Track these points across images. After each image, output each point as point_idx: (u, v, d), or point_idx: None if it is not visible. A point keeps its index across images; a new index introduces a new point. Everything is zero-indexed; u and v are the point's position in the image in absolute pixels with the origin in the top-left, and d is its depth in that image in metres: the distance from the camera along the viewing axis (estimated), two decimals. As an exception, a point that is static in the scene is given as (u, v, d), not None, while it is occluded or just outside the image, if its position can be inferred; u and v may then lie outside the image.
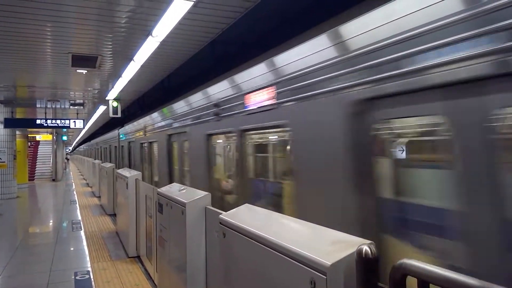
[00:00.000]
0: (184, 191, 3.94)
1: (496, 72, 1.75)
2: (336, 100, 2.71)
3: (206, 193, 3.58)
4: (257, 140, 4.54)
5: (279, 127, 3.56)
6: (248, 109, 4.08)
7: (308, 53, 3.08)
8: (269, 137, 4.40)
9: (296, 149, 3.23)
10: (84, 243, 7.96)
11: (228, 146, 5.22)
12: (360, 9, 2.61)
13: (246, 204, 2.90)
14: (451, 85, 1.97)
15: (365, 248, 1.52)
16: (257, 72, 3.94)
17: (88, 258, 6.82)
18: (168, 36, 6.05)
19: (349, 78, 2.59)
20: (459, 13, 1.90)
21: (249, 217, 2.58)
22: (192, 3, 4.68)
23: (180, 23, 5.44)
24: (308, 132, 3.03)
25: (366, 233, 2.38)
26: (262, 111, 3.79)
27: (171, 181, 7.20)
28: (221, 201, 5.27)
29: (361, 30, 2.53)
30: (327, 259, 1.57)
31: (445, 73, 1.97)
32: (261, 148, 4.61)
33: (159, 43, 6.37)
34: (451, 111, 1.99)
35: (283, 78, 3.42)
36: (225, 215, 2.66)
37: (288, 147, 3.55)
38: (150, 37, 6.11)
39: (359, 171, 2.55)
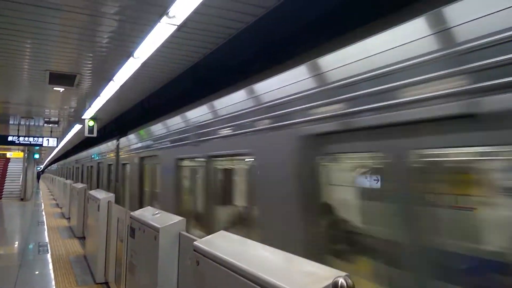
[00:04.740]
0: (158, 215, 3.85)
1: None
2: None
3: (181, 218, 3.50)
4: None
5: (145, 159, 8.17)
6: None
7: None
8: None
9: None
10: (50, 266, 7.62)
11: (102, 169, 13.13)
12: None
13: (222, 231, 2.84)
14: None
15: (341, 280, 1.50)
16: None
17: (53, 283, 6.51)
18: (149, 58, 6.05)
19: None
20: None
21: (224, 244, 2.52)
22: (175, 27, 4.71)
23: (163, 46, 5.45)
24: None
25: None
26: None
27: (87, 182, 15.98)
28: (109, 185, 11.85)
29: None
30: (303, 291, 1.54)
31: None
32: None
33: (140, 64, 6.35)
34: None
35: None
36: (199, 242, 2.59)
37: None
38: (131, 58, 6.09)
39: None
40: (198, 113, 5.11)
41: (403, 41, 2.16)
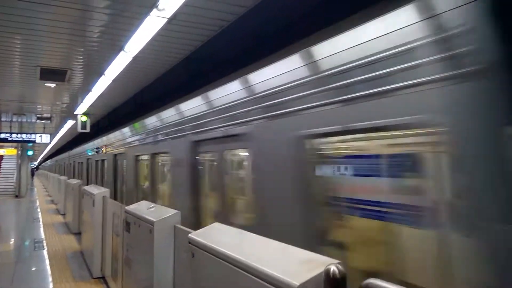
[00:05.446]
0: (153, 209, 3.86)
1: None
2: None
3: (176, 211, 3.51)
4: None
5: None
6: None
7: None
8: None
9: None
10: (47, 262, 7.62)
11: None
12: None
13: (216, 223, 2.86)
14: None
15: (333, 268, 1.52)
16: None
17: (50, 279, 6.52)
18: (141, 52, 6.01)
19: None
20: None
21: (219, 236, 2.54)
22: (166, 19, 4.69)
23: (153, 39, 5.42)
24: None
25: None
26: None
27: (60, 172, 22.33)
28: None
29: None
30: (296, 279, 1.56)
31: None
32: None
33: (131, 58, 6.31)
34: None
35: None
36: (194, 234, 2.61)
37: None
38: (122, 52, 6.05)
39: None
40: None
41: None
